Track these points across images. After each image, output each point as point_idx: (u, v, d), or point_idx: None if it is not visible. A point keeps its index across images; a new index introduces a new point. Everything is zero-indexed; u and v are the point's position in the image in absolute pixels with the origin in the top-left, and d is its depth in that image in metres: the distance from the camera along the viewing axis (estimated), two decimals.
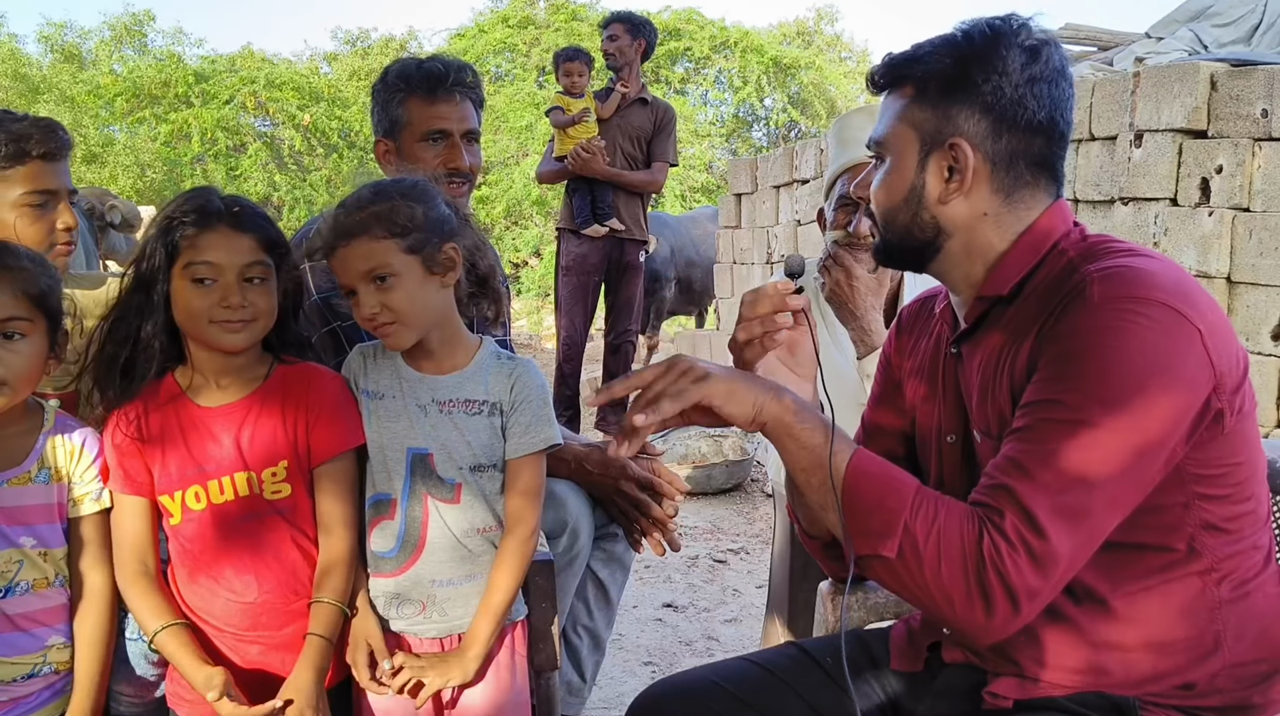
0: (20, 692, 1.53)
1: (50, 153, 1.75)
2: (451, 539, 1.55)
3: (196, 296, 1.49)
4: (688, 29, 16.87)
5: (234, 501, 1.54)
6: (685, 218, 8.96)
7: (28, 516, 1.52)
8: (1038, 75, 1.19)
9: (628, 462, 1.99)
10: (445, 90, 2.04)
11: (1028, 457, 1.09)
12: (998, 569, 1.06)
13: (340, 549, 1.55)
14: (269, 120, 16.57)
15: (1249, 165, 3.52)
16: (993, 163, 1.21)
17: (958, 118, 1.20)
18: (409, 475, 1.54)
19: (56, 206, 1.75)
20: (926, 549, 1.10)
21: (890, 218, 1.28)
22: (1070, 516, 1.07)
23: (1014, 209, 1.23)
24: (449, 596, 1.56)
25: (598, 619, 2.16)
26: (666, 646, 3.12)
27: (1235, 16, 5.48)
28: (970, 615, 1.09)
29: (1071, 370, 1.10)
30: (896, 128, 1.25)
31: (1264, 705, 1.19)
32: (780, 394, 1.21)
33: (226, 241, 1.50)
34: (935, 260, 1.28)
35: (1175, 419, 1.08)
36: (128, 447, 1.53)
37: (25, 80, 17.19)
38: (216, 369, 1.56)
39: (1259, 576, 1.20)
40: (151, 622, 1.52)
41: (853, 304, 2.03)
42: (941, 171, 1.22)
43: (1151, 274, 1.11)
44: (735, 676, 1.41)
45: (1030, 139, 1.21)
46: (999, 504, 1.09)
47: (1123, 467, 1.07)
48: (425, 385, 1.56)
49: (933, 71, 1.22)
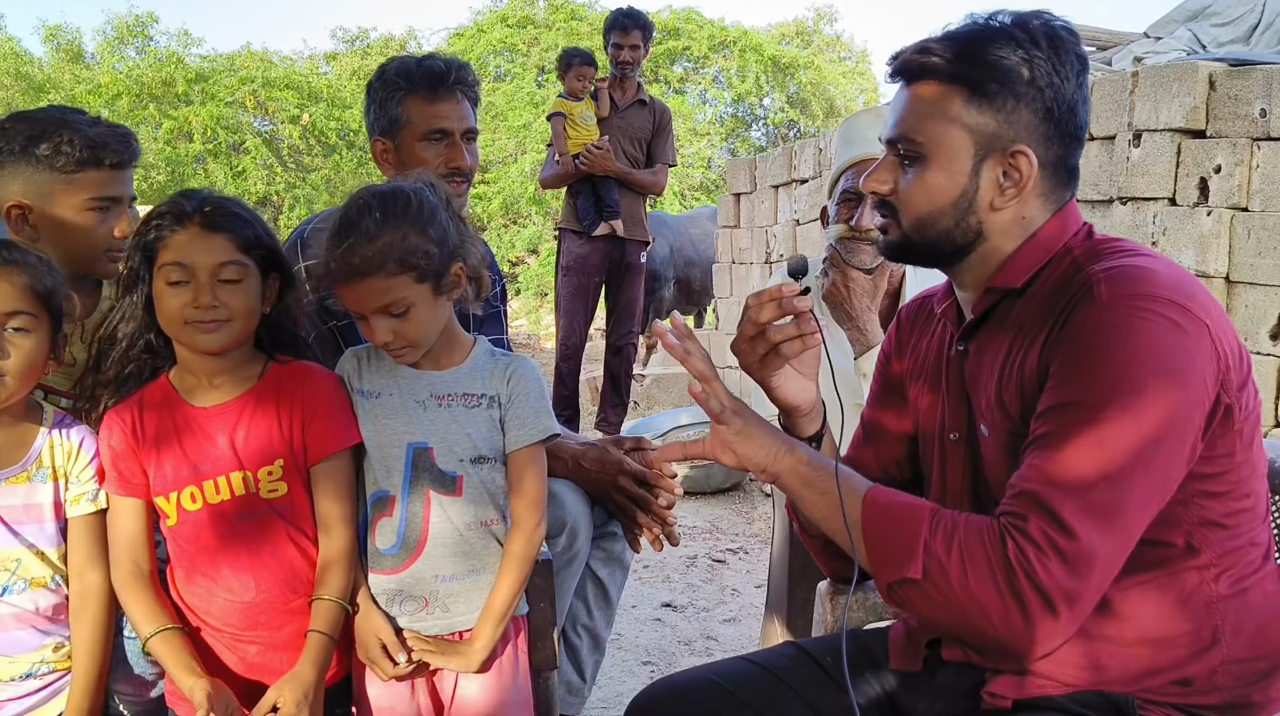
0: (18, 692, 1.53)
1: (123, 162, 1.74)
2: (454, 533, 1.55)
3: (171, 297, 1.49)
4: (687, 28, 16.88)
5: (230, 501, 1.54)
6: (684, 217, 8.96)
7: (25, 515, 1.52)
8: (1085, 83, 1.18)
9: (624, 459, 1.99)
10: (446, 89, 2.03)
11: (1048, 462, 1.08)
12: (1028, 573, 1.05)
13: (340, 546, 1.56)
14: (268, 120, 16.57)
15: (1247, 165, 3.52)
16: (1045, 170, 1.20)
17: (1019, 123, 1.16)
18: (409, 471, 1.54)
19: (119, 213, 1.75)
20: (951, 564, 1.09)
21: (929, 221, 1.23)
22: (1100, 514, 1.05)
23: (1046, 212, 1.24)
24: (451, 592, 1.56)
25: (597, 618, 2.16)
26: (665, 646, 3.12)
27: (1234, 16, 5.48)
28: (1009, 627, 1.07)
29: (1084, 371, 1.10)
30: (941, 127, 1.19)
31: (1263, 702, 1.19)
32: (794, 447, 1.24)
33: (197, 241, 1.49)
34: (961, 262, 1.27)
35: (1191, 412, 1.08)
36: (123, 450, 1.53)
37: (27, 79, 17.17)
38: (208, 369, 1.56)
39: (1257, 573, 1.20)
40: (145, 626, 1.52)
41: (848, 305, 2.04)
42: (997, 178, 1.19)
43: (1155, 272, 1.12)
44: (734, 676, 1.41)
45: (1074, 147, 1.21)
46: (1023, 510, 1.08)
47: (1146, 463, 1.06)
48: (423, 382, 1.56)
49: (993, 67, 1.15)
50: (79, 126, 1.69)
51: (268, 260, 1.57)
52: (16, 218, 1.70)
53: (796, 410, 1.35)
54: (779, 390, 1.33)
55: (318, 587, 1.55)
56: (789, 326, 1.26)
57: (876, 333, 2.06)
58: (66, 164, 1.68)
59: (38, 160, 1.68)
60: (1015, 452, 1.18)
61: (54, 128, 1.68)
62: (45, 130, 1.68)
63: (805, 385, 1.34)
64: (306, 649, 1.52)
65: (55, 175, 1.69)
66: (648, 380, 6.97)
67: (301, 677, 1.49)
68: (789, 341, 1.26)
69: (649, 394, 6.89)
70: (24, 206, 1.69)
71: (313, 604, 1.54)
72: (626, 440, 2.07)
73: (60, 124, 1.69)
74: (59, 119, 1.70)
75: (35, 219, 1.70)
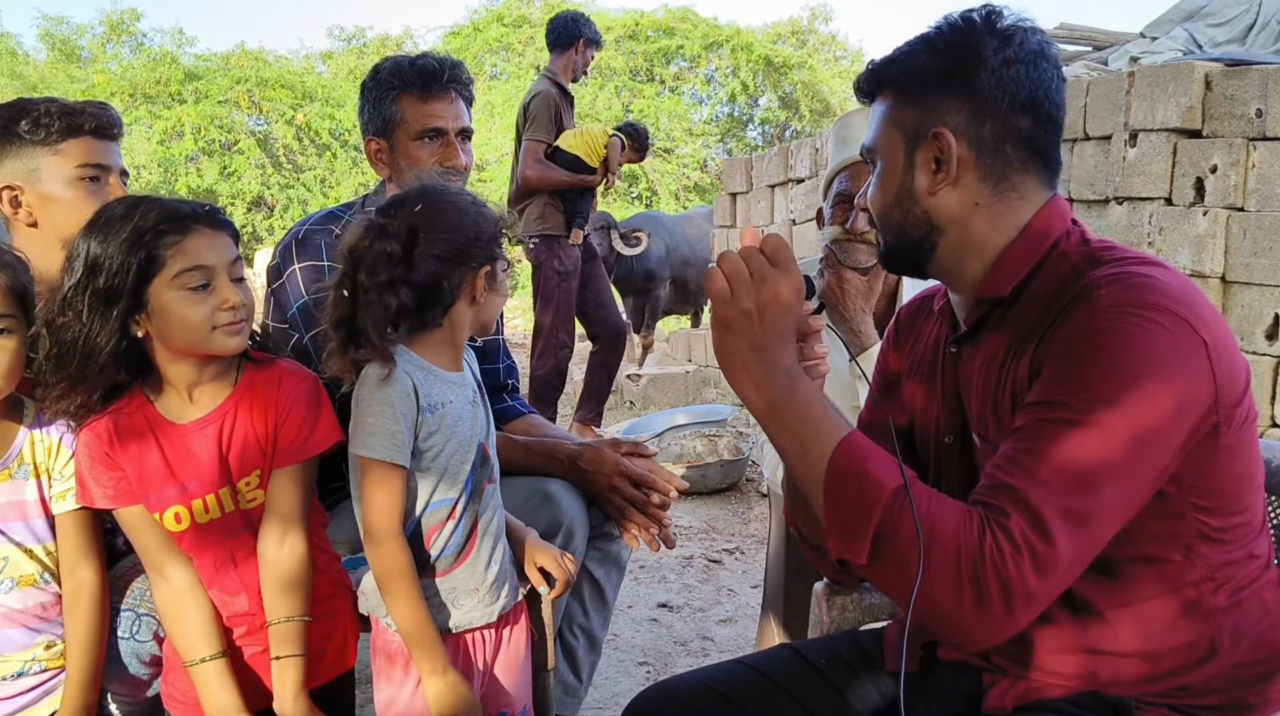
0: (9, 691, 1.52)
1: (101, 128, 1.76)
2: (493, 518, 1.57)
3: (193, 304, 1.43)
4: (681, 27, 16.90)
5: (219, 518, 1.52)
6: (680, 217, 8.96)
7: (10, 513, 1.51)
8: (1012, 58, 1.19)
9: (621, 460, 1.99)
10: (440, 88, 2.02)
11: (1031, 458, 1.07)
12: (998, 570, 1.03)
13: (298, 555, 1.52)
14: (262, 119, 16.55)
15: (1243, 165, 3.52)
16: (978, 149, 1.21)
17: (938, 110, 1.21)
18: (472, 472, 1.53)
19: (108, 182, 1.76)
20: (910, 553, 1.06)
21: (885, 219, 1.28)
22: (1076, 521, 1.05)
23: (1006, 198, 1.22)
24: (492, 576, 1.57)
25: (594, 619, 2.16)
26: (661, 646, 3.11)
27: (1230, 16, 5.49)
28: (960, 615, 1.05)
29: (1075, 371, 1.09)
30: (883, 130, 1.27)
31: (1259, 705, 1.19)
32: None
33: (211, 241, 1.46)
34: (933, 259, 1.27)
35: (1174, 425, 1.07)
36: (109, 463, 1.49)
37: (21, 78, 17.14)
38: (190, 382, 1.51)
39: (1256, 582, 1.19)
40: (200, 647, 1.50)
41: (842, 306, 2.04)
42: (929, 164, 1.22)
43: (1160, 282, 1.10)
44: (729, 680, 1.40)
45: (1015, 121, 1.20)
46: (1002, 504, 1.06)
47: (1126, 473, 1.06)
48: (465, 381, 1.56)
49: (910, 70, 1.23)
50: (55, 100, 1.73)
51: None
52: (9, 200, 1.71)
53: None
54: None
55: (282, 605, 1.50)
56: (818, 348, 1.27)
57: (871, 334, 2.05)
58: (49, 135, 1.70)
59: (20, 138, 1.70)
60: None
61: (30, 104, 1.72)
62: (23, 108, 1.72)
63: None
64: (288, 677, 1.48)
65: (39, 149, 1.71)
66: (644, 380, 6.97)
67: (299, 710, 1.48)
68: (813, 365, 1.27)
69: (645, 394, 6.88)
70: (15, 188, 1.70)
71: (277, 626, 1.49)
72: (624, 442, 2.06)
73: (36, 100, 1.72)
74: (33, 98, 1.74)
75: (28, 200, 1.71)
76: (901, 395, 1.46)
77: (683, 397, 6.79)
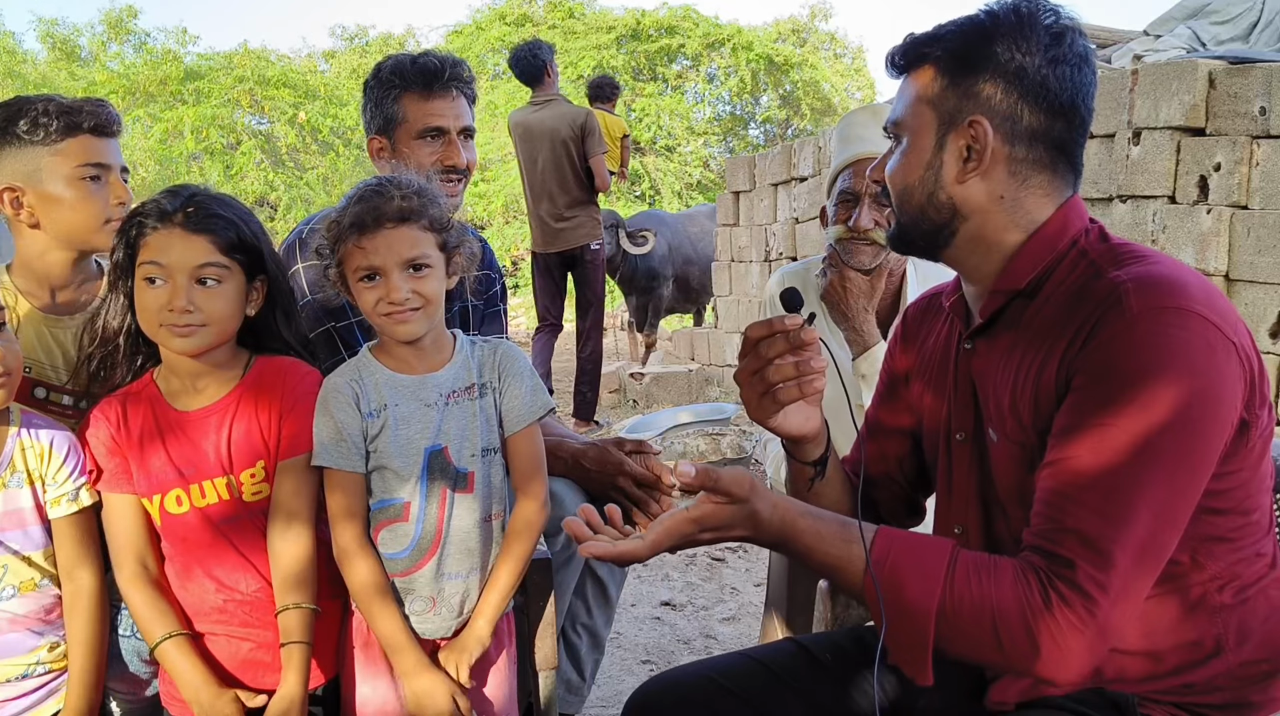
0: (15, 693, 1.52)
1: (100, 126, 1.76)
2: (464, 530, 1.55)
3: (147, 297, 1.47)
4: (682, 26, 16.88)
5: (217, 505, 1.52)
6: (682, 215, 8.97)
7: (6, 522, 1.50)
8: (1060, 57, 1.17)
9: (624, 459, 1.99)
10: (441, 86, 2.02)
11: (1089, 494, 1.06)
12: (1074, 626, 1.04)
13: (305, 546, 1.52)
14: (265, 118, 16.54)
15: (1247, 163, 3.52)
16: (1012, 143, 1.19)
17: (978, 96, 1.19)
18: (425, 476, 1.53)
19: (109, 181, 1.76)
20: (981, 649, 1.09)
21: (905, 197, 1.26)
22: (1143, 552, 1.05)
23: (1030, 195, 1.21)
24: (455, 590, 1.56)
25: (597, 617, 2.16)
26: (665, 645, 3.11)
27: (1234, 14, 5.47)
28: (1049, 668, 1.06)
29: (1121, 395, 1.07)
30: (915, 107, 1.23)
31: (1262, 703, 1.19)
32: None
33: (177, 241, 1.46)
34: (950, 246, 1.26)
35: (1220, 434, 1.08)
36: (108, 446, 1.52)
37: (21, 78, 17.15)
38: (191, 371, 1.53)
39: (1262, 581, 1.19)
40: (154, 630, 1.50)
41: (845, 306, 2.03)
42: (960, 150, 1.20)
43: (1186, 284, 1.09)
44: (732, 672, 1.40)
45: (1051, 121, 1.19)
46: (1066, 552, 1.06)
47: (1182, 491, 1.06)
48: (427, 384, 1.54)
49: (955, 49, 1.20)
50: (52, 99, 1.72)
51: (254, 262, 1.54)
52: (10, 201, 1.71)
53: (802, 438, 1.35)
54: (782, 425, 1.31)
55: (288, 594, 1.51)
56: (787, 367, 1.25)
57: (873, 334, 2.05)
58: (48, 135, 1.70)
59: (19, 139, 1.69)
60: (1028, 463, 1.17)
61: (28, 103, 1.71)
62: (20, 108, 1.71)
63: (810, 413, 1.33)
64: (292, 663, 1.49)
65: (39, 149, 1.70)
66: (646, 378, 6.97)
67: (293, 696, 1.48)
68: (785, 385, 1.25)
69: (648, 392, 6.88)
70: (16, 189, 1.70)
71: (284, 613, 1.50)
72: (628, 442, 2.06)
73: (33, 99, 1.71)
74: (30, 97, 1.72)
75: (30, 201, 1.70)
76: (909, 393, 1.46)
77: (686, 396, 6.79)
